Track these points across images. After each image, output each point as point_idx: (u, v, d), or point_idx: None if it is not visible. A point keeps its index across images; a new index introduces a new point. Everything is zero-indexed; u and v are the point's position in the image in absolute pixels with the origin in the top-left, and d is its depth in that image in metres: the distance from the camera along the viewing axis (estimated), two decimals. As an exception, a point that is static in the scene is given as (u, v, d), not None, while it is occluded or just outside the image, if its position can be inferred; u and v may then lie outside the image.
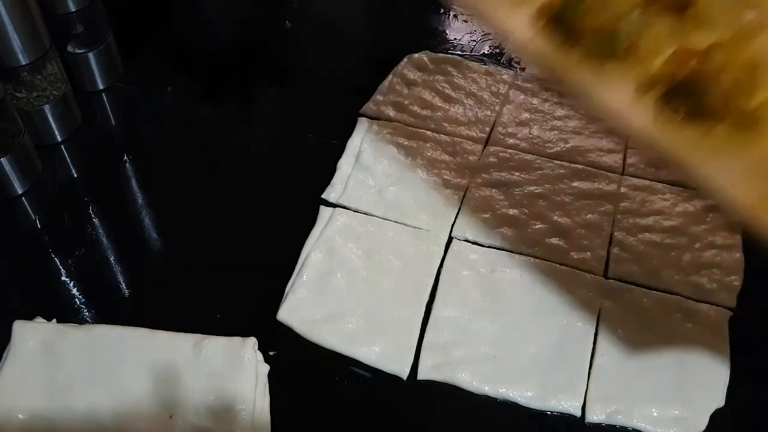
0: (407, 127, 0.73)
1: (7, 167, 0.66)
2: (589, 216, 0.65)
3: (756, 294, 0.60)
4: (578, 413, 0.53)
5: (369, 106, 0.75)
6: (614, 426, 0.52)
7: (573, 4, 0.46)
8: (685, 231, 0.63)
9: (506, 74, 0.80)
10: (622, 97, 0.44)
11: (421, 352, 0.56)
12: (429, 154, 0.70)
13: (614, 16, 0.45)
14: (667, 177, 0.68)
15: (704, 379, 0.54)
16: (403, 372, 0.55)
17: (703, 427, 0.52)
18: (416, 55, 0.81)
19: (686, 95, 0.42)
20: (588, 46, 0.46)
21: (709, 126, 0.42)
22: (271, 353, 0.55)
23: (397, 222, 0.64)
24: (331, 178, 0.68)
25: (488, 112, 0.75)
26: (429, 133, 0.72)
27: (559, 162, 0.70)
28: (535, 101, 0.76)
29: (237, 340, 0.54)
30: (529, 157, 0.70)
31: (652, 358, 0.55)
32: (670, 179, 0.68)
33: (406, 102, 0.75)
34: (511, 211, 0.65)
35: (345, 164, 0.69)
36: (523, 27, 0.47)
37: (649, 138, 0.43)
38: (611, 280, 0.60)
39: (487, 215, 0.65)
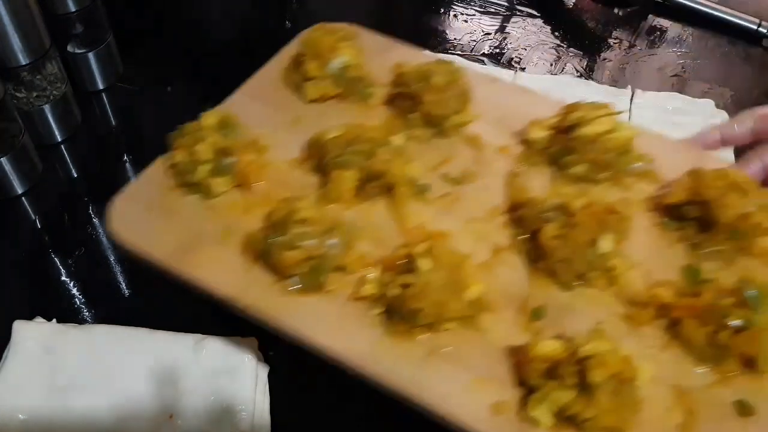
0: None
1: (7, 167, 0.66)
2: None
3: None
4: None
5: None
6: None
7: (271, 241, 0.46)
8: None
9: (506, 74, 0.80)
10: (336, 329, 0.45)
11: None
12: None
13: (312, 246, 0.46)
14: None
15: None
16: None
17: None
18: (416, 55, 0.81)
19: (401, 313, 0.44)
20: (298, 281, 0.46)
21: (432, 332, 0.45)
22: (271, 353, 0.55)
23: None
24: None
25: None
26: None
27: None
28: (535, 101, 0.76)
29: (237, 340, 0.54)
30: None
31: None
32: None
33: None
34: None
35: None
36: (232, 277, 0.47)
37: (379, 370, 0.43)
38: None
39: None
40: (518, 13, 0.92)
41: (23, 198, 0.68)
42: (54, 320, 0.55)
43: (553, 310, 0.47)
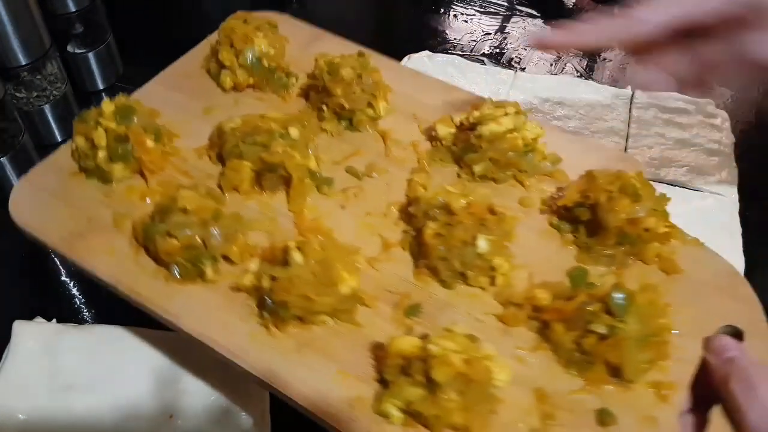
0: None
1: (7, 167, 0.66)
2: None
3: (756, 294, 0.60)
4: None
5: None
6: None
7: (152, 229, 0.47)
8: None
9: (506, 74, 0.80)
10: (217, 315, 0.46)
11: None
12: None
13: (190, 235, 0.46)
14: (667, 177, 0.68)
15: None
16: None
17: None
18: (416, 55, 0.81)
19: (276, 306, 0.44)
20: (182, 265, 0.47)
21: (307, 324, 0.45)
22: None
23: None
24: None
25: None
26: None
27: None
28: (535, 101, 0.76)
29: (237, 340, 0.54)
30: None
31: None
32: (670, 179, 0.68)
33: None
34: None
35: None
36: (119, 262, 0.48)
37: (248, 360, 0.44)
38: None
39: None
40: (518, 13, 0.92)
41: (23, 198, 0.68)
42: (54, 320, 0.55)
43: (432, 308, 0.47)
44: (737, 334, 0.45)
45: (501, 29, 0.89)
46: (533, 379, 0.44)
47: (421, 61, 0.80)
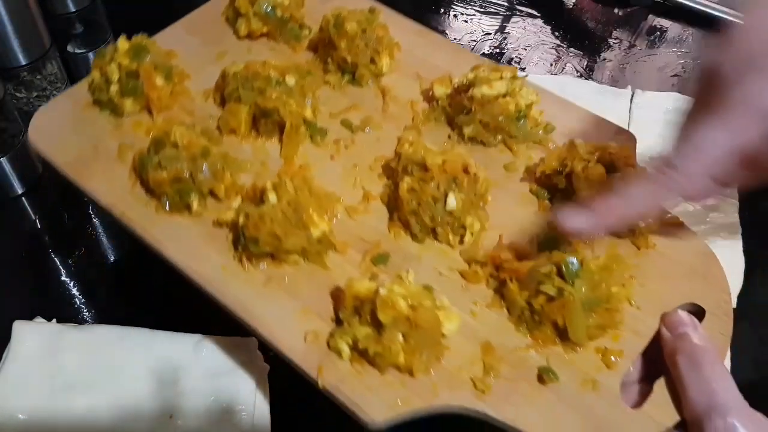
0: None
1: (7, 167, 0.66)
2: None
3: (755, 295, 0.60)
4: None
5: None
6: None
7: (146, 160, 0.50)
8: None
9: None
10: (197, 245, 0.49)
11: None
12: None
13: (179, 169, 0.49)
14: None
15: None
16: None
17: None
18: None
19: (247, 241, 0.47)
20: (170, 197, 0.50)
21: (278, 262, 0.48)
22: (271, 353, 0.55)
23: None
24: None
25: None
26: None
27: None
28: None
29: (237, 340, 0.54)
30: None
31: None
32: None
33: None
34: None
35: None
36: (117, 188, 0.51)
37: (218, 288, 0.47)
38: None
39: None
40: (518, 13, 0.92)
41: (23, 198, 0.68)
42: (54, 320, 0.55)
43: (399, 259, 0.49)
44: (698, 313, 0.46)
45: (501, 29, 0.89)
46: (483, 333, 0.45)
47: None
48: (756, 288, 0.60)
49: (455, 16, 0.91)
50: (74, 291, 0.61)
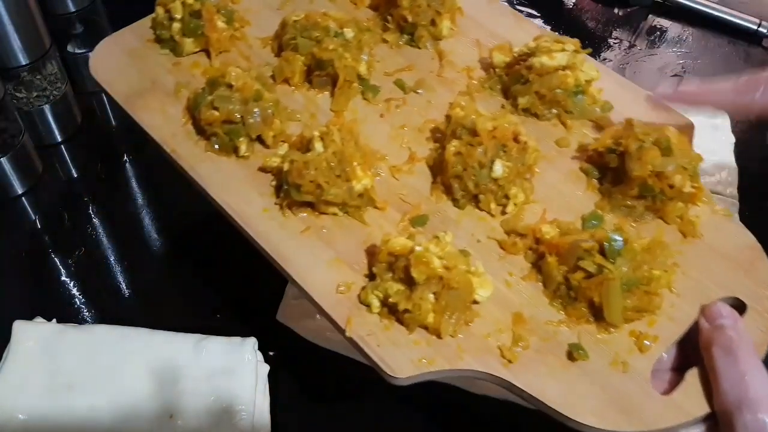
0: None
1: (7, 167, 0.66)
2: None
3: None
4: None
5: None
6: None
7: (200, 99, 0.51)
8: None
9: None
10: (241, 188, 0.49)
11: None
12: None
13: (236, 110, 0.50)
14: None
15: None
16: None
17: (703, 427, 0.52)
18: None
19: (289, 188, 0.47)
20: (220, 137, 0.50)
21: (318, 213, 0.48)
22: (271, 353, 0.55)
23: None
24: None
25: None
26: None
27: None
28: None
29: (237, 340, 0.54)
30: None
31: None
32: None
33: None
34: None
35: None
36: (169, 124, 0.53)
37: (257, 230, 0.47)
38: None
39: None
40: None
41: (23, 198, 0.68)
42: (54, 320, 0.55)
43: (438, 222, 0.48)
44: (739, 307, 0.45)
45: (501, 29, 0.89)
46: (515, 304, 0.45)
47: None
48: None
49: (455, 16, 0.91)
50: (74, 291, 0.61)
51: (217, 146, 0.51)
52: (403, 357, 0.42)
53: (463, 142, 0.48)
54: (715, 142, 0.72)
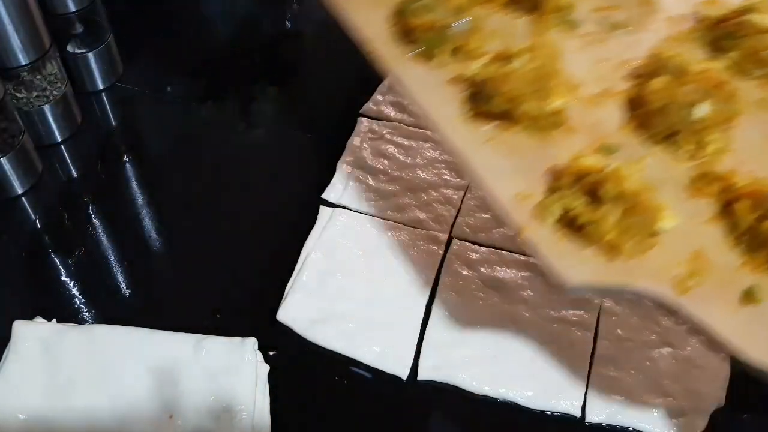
0: (407, 126, 0.73)
1: (7, 167, 0.66)
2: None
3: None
4: (578, 413, 0.53)
5: (369, 106, 0.75)
6: (614, 426, 0.52)
7: (407, 5, 0.52)
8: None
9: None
10: (434, 94, 0.51)
11: (421, 352, 0.56)
12: (429, 153, 0.70)
13: (440, 19, 0.51)
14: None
15: (704, 379, 0.54)
16: (403, 372, 0.55)
17: (703, 427, 0.52)
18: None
19: (483, 97, 0.49)
20: (420, 44, 0.52)
21: (504, 126, 0.49)
22: (271, 353, 0.55)
23: (396, 222, 0.64)
24: (331, 178, 0.68)
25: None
26: (429, 132, 0.72)
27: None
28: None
29: (237, 340, 0.54)
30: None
31: (651, 359, 0.55)
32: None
33: (406, 102, 0.75)
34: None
35: (345, 164, 0.69)
36: (375, 26, 0.55)
37: (447, 134, 0.49)
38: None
39: (487, 215, 0.65)
40: (518, 13, 0.92)
41: (23, 198, 0.68)
42: (54, 320, 0.55)
43: (627, 155, 0.47)
44: None
45: (501, 29, 0.89)
46: (695, 242, 0.44)
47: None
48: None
49: (455, 16, 0.91)
50: (74, 291, 0.61)
51: (417, 52, 0.52)
52: (575, 267, 0.43)
53: (667, 79, 0.48)
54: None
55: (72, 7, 0.73)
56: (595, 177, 0.43)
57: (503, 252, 0.62)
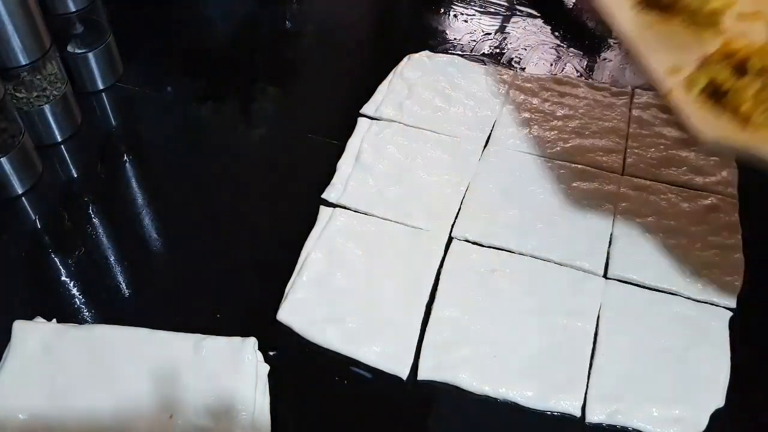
0: (407, 127, 0.73)
1: (7, 167, 0.66)
2: (589, 216, 0.65)
3: (756, 294, 0.60)
4: (578, 413, 0.53)
5: (369, 106, 0.75)
6: (614, 426, 0.52)
7: None
8: (685, 231, 0.63)
9: (506, 74, 0.80)
10: None
11: (422, 352, 0.56)
12: (429, 154, 0.70)
13: None
14: (667, 177, 0.68)
15: (704, 379, 0.54)
16: (403, 372, 0.55)
17: (703, 427, 0.52)
18: (416, 55, 0.81)
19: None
20: None
21: (667, 18, 0.57)
22: (271, 353, 0.55)
23: (397, 222, 0.64)
24: (332, 178, 0.68)
25: (488, 112, 0.75)
26: (429, 133, 0.72)
27: (560, 162, 0.70)
28: (535, 101, 0.76)
29: (237, 340, 0.54)
30: (528, 157, 0.70)
31: (652, 359, 0.55)
32: (670, 179, 0.68)
33: (406, 102, 0.75)
34: (512, 212, 0.65)
35: (345, 164, 0.69)
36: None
37: (617, 17, 0.58)
38: (611, 281, 0.60)
39: (488, 215, 0.65)
40: (518, 13, 0.92)
41: (23, 198, 0.68)
42: (54, 320, 0.55)
43: None
44: None
45: (501, 29, 0.89)
46: None
47: (421, 61, 0.80)
48: (756, 288, 0.60)
49: (455, 16, 0.91)
50: (74, 291, 0.61)
51: None
52: (711, 126, 0.48)
53: None
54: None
55: (72, 7, 0.73)
56: (744, 52, 0.49)
57: (503, 252, 0.62)
